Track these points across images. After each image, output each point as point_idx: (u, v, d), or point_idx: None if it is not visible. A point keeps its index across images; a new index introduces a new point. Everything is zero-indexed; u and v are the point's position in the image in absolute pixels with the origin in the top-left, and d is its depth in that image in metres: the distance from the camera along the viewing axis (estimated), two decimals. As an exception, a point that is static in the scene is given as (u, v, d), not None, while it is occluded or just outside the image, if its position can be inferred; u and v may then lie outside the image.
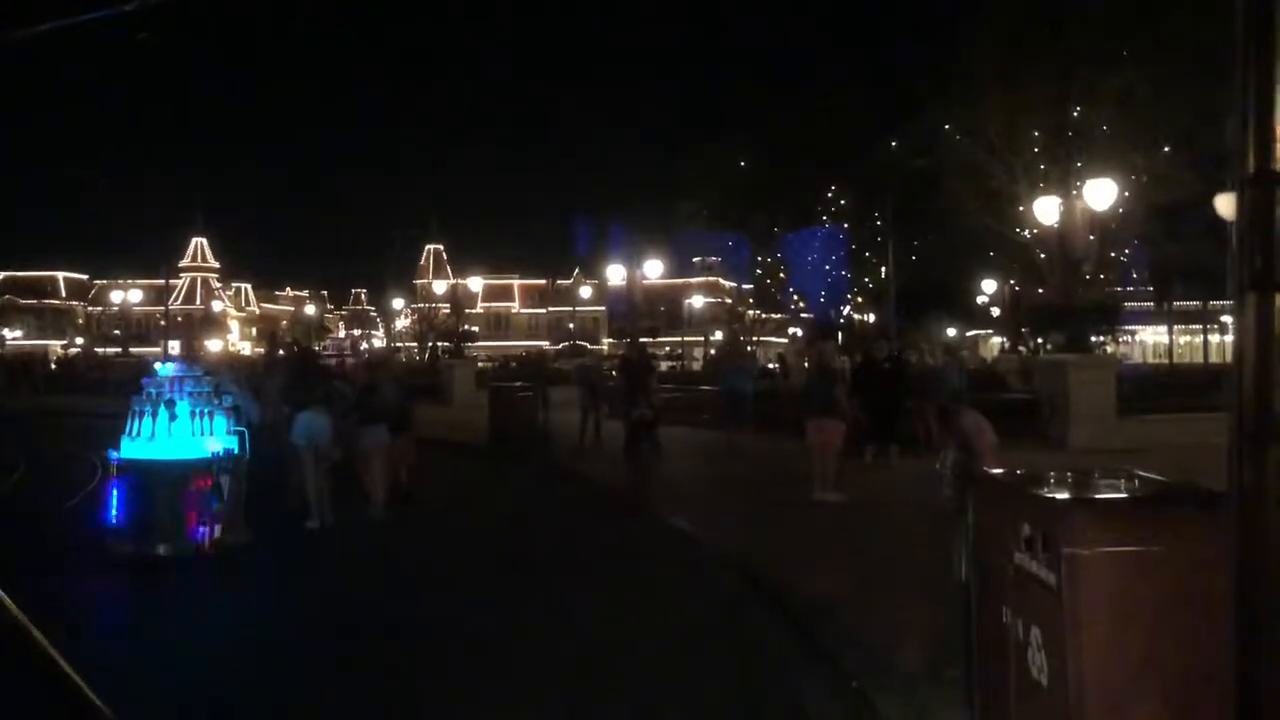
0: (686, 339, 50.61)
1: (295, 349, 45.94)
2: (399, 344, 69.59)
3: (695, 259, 57.80)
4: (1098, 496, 4.03)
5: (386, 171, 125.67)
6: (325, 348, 63.65)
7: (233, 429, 9.91)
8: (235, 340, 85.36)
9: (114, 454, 9.38)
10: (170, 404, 9.41)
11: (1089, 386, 17.16)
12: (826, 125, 30.58)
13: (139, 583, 8.81)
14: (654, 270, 36.09)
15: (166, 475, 9.29)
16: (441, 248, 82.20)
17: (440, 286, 54.45)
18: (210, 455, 9.52)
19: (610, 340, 70.62)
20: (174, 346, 69.21)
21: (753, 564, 8.86)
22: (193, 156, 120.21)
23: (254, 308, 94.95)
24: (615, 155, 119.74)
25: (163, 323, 54.14)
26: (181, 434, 9.45)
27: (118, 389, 24.60)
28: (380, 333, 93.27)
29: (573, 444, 18.25)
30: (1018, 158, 24.84)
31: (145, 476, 9.27)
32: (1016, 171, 25.04)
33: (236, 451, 9.83)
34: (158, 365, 9.90)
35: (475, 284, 54.79)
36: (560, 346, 67.15)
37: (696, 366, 38.20)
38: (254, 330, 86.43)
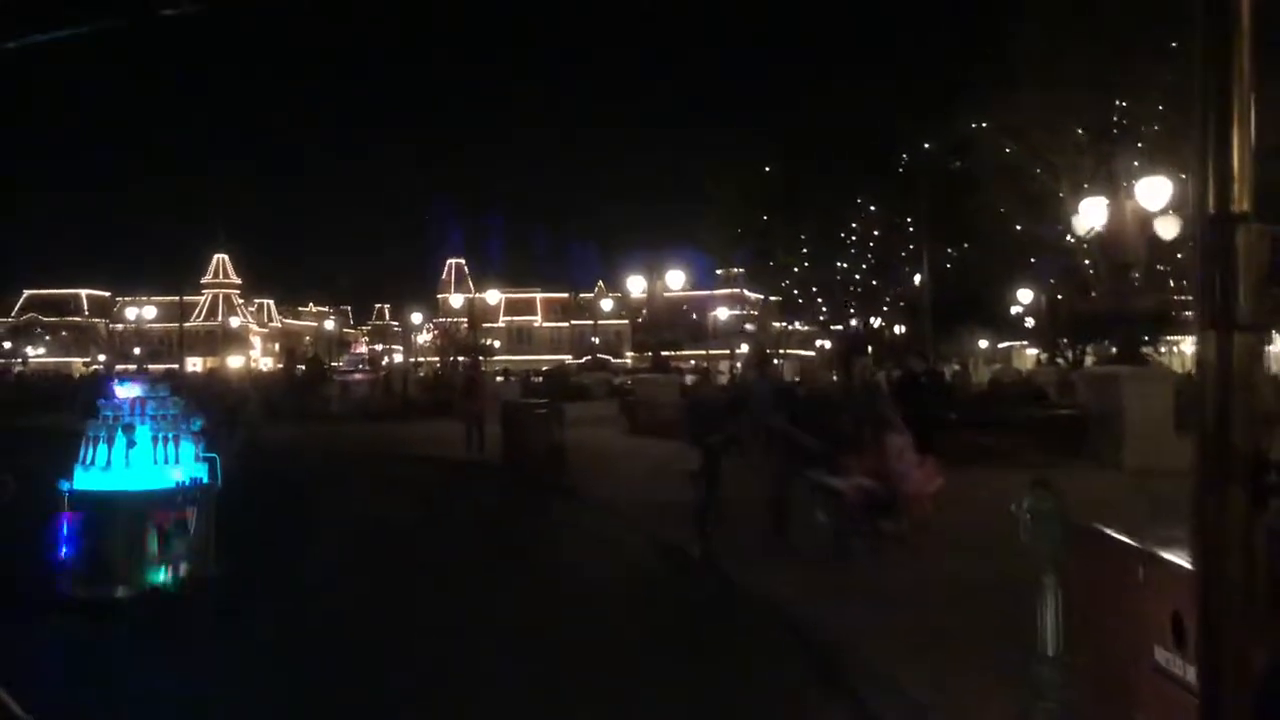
0: (711, 352, 49.56)
1: (315, 363, 45.07)
2: (419, 359, 68.81)
3: (719, 270, 56.79)
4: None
5: (413, 187, 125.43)
6: (345, 362, 62.91)
7: (202, 455, 8.91)
8: (257, 355, 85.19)
9: (66, 484, 8.38)
10: (129, 429, 8.42)
11: (1144, 400, 15.90)
12: (856, 125, 29.31)
13: (90, 629, 7.80)
14: (676, 281, 34.96)
15: (124, 508, 8.30)
16: (463, 262, 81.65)
17: (460, 301, 53.62)
18: (174, 485, 8.53)
19: (633, 354, 69.56)
20: (196, 363, 68.95)
21: (789, 608, 7.76)
22: (219, 173, 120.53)
23: (276, 323, 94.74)
24: (637, 164, 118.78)
25: (182, 339, 53.60)
26: (142, 462, 8.45)
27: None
28: (401, 347, 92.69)
29: (595, 465, 17.23)
30: (1060, 157, 23.49)
31: (100, 510, 8.28)
32: (1059, 171, 23.71)
33: (205, 480, 8.84)
34: (116, 384, 8.88)
35: (493, 297, 53.95)
36: (583, 360, 66.19)
37: (722, 380, 36.87)
38: (276, 346, 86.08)
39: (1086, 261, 24.31)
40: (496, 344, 73.03)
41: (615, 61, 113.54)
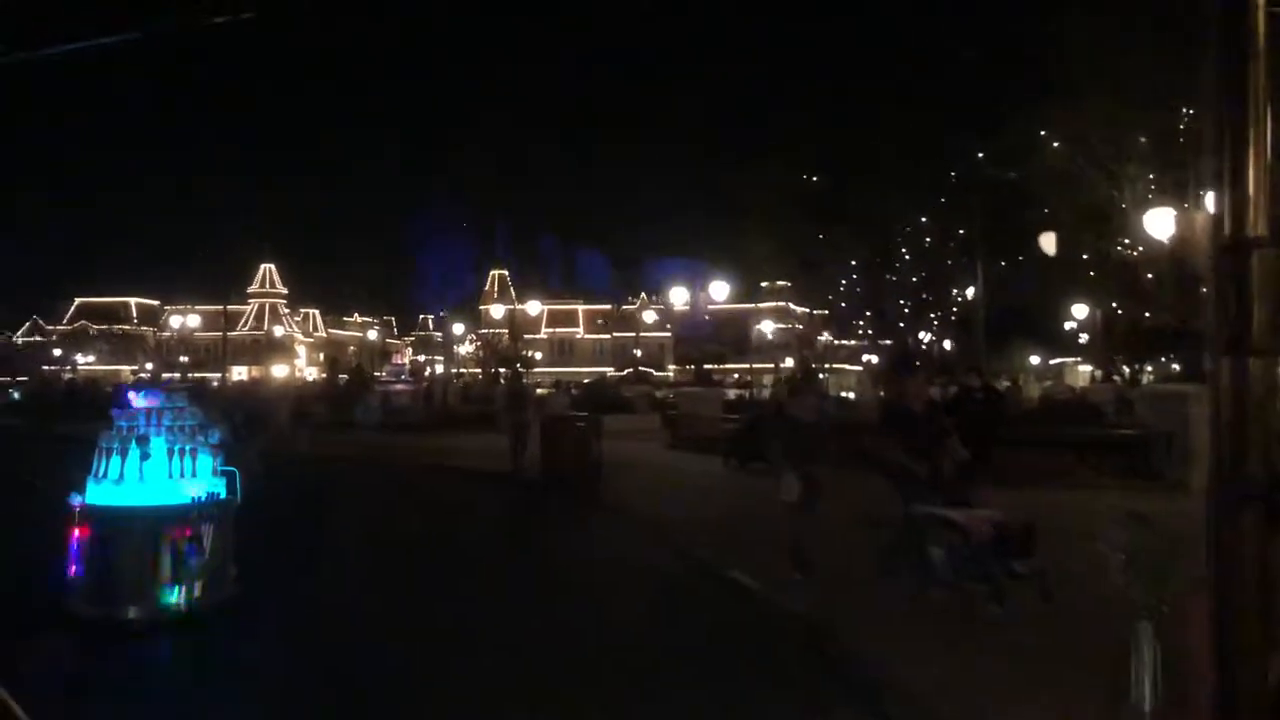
0: (755, 366, 48.86)
1: (358, 373, 45.11)
2: (462, 370, 68.74)
3: (763, 283, 56.09)
4: None
5: (458, 199, 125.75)
6: (387, 373, 63.06)
7: (220, 468, 8.49)
8: (303, 365, 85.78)
9: (77, 498, 7.99)
10: (142, 440, 8.01)
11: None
12: (906, 134, 28.50)
13: (99, 652, 7.40)
14: (720, 293, 34.41)
15: (137, 524, 7.87)
16: (506, 273, 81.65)
17: (502, 312, 53.42)
18: (190, 500, 8.11)
19: (675, 366, 68.98)
20: (242, 372, 69.44)
21: (831, 635, 7.18)
22: (267, 183, 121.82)
23: (322, 333, 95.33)
24: (682, 175, 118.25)
25: (225, 347, 53.93)
26: (156, 476, 8.05)
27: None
28: (440, 358, 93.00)
29: (635, 480, 16.72)
30: (1123, 166, 22.49)
31: (112, 526, 7.87)
32: (1121, 182, 22.72)
33: (223, 495, 8.41)
34: (132, 393, 8.49)
35: (534, 308, 53.60)
36: (625, 373, 65.71)
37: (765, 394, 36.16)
38: (321, 356, 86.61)
39: (1149, 275, 23.26)
40: (538, 355, 72.88)
41: (660, 71, 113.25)
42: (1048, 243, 17.46)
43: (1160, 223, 17.17)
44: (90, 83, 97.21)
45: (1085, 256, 27.25)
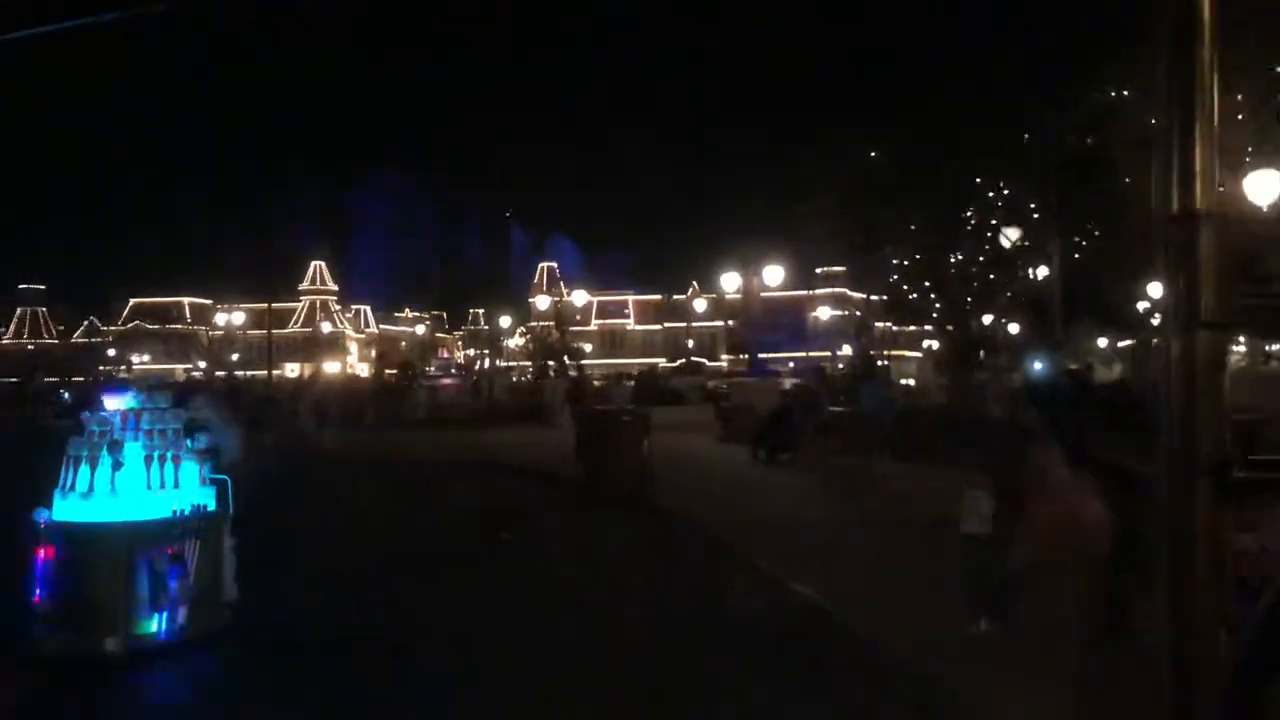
0: (811, 354, 47.34)
1: (406, 367, 44.62)
2: (511, 363, 68.00)
3: (819, 269, 54.34)
4: None
5: (506, 187, 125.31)
6: (435, 367, 62.58)
7: (208, 477, 7.43)
8: (354, 361, 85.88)
9: (42, 514, 6.97)
10: (115, 447, 6.97)
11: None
12: (974, 101, 26.75)
13: (67, 690, 6.42)
14: (774, 279, 33.05)
15: (109, 543, 6.85)
16: (555, 265, 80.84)
17: (550, 304, 52.49)
18: (172, 515, 7.07)
19: (728, 357, 67.58)
20: (294, 369, 69.41)
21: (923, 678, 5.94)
22: (319, 177, 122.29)
23: (373, 329, 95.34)
24: (729, 155, 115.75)
25: (276, 345, 53.75)
26: (131, 487, 7.00)
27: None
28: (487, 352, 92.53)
29: (686, 479, 15.63)
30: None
31: (80, 545, 6.86)
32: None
33: (213, 508, 7.37)
34: (106, 396, 7.45)
35: (580, 298, 52.49)
36: (677, 364, 64.46)
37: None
38: (372, 351, 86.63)
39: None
40: (588, 347, 71.93)
41: (707, 41, 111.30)
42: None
43: (1263, 186, 15.62)
44: (149, 84, 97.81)
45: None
